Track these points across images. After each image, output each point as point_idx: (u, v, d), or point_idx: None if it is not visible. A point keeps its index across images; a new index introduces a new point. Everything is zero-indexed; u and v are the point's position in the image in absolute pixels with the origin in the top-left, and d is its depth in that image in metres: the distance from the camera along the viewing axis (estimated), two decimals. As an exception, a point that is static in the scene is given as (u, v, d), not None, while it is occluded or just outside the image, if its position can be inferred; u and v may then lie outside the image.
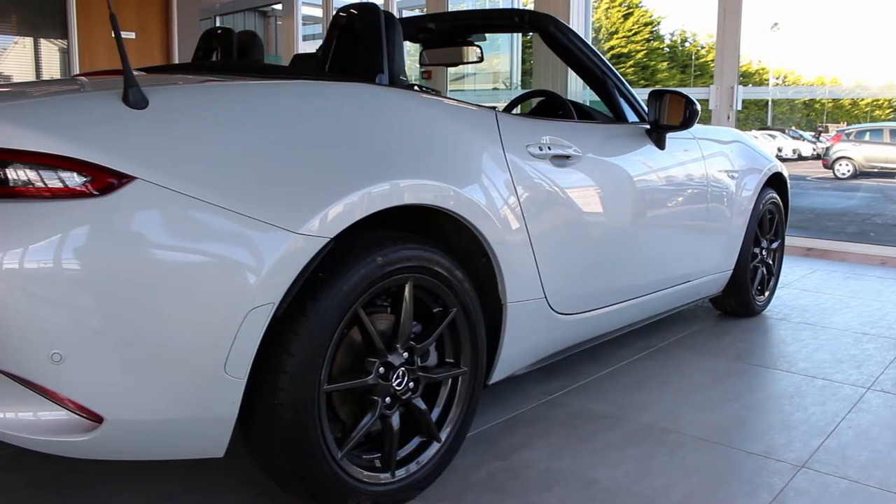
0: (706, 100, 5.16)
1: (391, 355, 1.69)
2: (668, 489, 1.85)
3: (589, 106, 3.02)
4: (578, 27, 5.83)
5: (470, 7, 9.67)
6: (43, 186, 1.28)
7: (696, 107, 2.56)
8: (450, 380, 1.87)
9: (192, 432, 1.43)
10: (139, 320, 1.32)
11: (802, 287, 4.13)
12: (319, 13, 8.19)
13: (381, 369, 1.67)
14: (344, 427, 1.68)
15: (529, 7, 6.98)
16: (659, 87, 2.77)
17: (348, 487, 1.61)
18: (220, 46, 2.58)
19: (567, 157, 2.20)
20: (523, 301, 2.02)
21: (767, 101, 19.85)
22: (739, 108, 5.13)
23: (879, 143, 13.37)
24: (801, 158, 16.56)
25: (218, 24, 9.30)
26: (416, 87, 2.14)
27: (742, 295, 3.34)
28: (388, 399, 1.70)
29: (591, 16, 6.13)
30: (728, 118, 5.14)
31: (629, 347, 2.98)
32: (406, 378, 1.73)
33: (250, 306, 1.39)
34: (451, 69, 7.00)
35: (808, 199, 10.45)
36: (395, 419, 1.71)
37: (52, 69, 8.07)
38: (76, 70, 7.81)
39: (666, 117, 2.58)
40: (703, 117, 2.64)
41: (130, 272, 1.30)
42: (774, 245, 3.58)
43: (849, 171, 13.00)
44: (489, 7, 10.31)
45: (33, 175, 1.28)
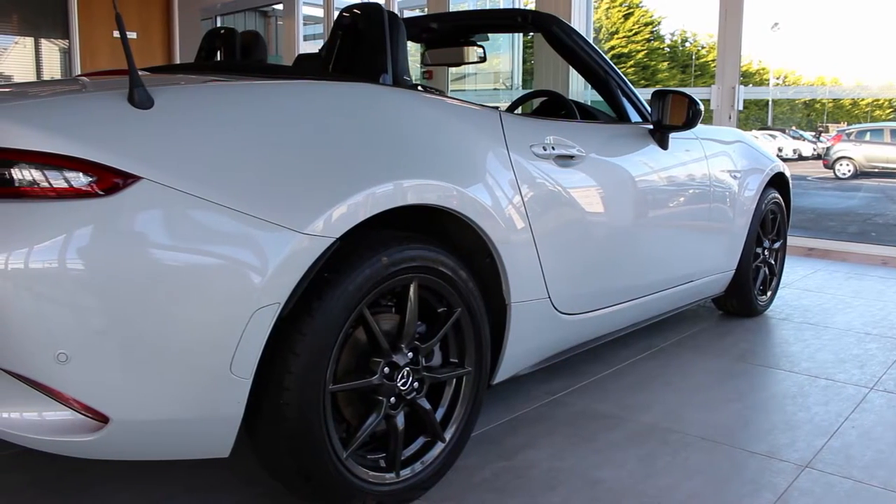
0: (707, 100, 5.16)
1: (396, 355, 1.69)
2: (672, 489, 1.85)
3: (591, 106, 3.02)
4: (580, 27, 5.83)
5: (471, 7, 9.67)
6: (48, 186, 1.28)
7: (700, 107, 2.55)
8: (454, 380, 1.87)
9: (198, 432, 1.43)
10: (145, 320, 1.32)
11: (804, 287, 4.13)
12: (320, 13, 8.19)
13: (386, 369, 1.67)
14: (348, 427, 1.68)
15: (530, 7, 6.98)
16: (662, 87, 2.77)
17: (353, 487, 1.61)
18: (224, 46, 2.58)
19: (571, 157, 2.20)
20: (527, 301, 2.02)
21: (768, 101, 19.85)
22: (741, 108, 5.14)
23: (880, 143, 13.37)
24: (802, 158, 16.56)
25: (219, 25, 9.29)
26: (420, 88, 2.14)
27: (744, 295, 3.34)
28: (393, 399, 1.70)
29: (593, 16, 6.13)
30: (729, 118, 5.14)
31: (632, 347, 2.98)
32: (411, 378, 1.73)
33: (256, 306, 1.39)
34: (452, 69, 7.00)
35: (809, 199, 10.45)
36: (400, 419, 1.71)
37: (53, 69, 8.07)
38: (78, 70, 7.81)
39: (669, 117, 2.58)
40: (705, 117, 2.63)
41: (136, 272, 1.30)
42: (777, 245, 3.57)
43: (849, 171, 13.01)
44: (491, 7, 10.30)
45: (39, 175, 1.27)
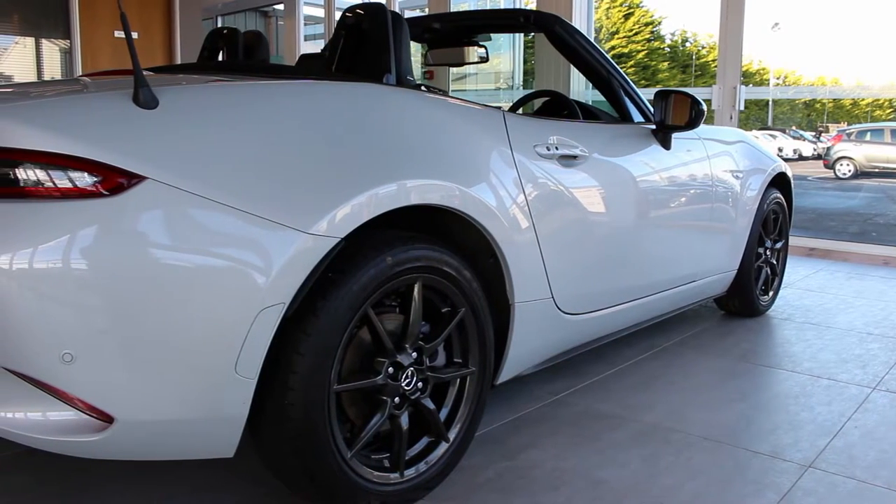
0: (709, 100, 5.16)
1: (400, 355, 1.69)
2: (676, 489, 1.85)
3: (594, 106, 3.02)
4: (580, 27, 5.83)
5: (472, 7, 9.67)
6: (53, 187, 1.27)
7: (702, 107, 2.56)
8: (458, 380, 1.87)
9: (203, 432, 1.43)
10: (150, 321, 1.32)
11: (806, 287, 4.14)
12: (321, 13, 8.19)
13: (391, 369, 1.67)
14: (353, 427, 1.68)
15: (532, 7, 6.98)
16: (665, 87, 2.77)
17: (358, 487, 1.61)
18: (227, 46, 2.58)
19: (574, 158, 2.20)
20: (531, 301, 2.02)
21: (768, 101, 19.85)
22: (742, 108, 5.14)
23: (880, 143, 13.36)
24: (802, 158, 16.55)
25: (220, 25, 9.30)
26: (423, 88, 2.14)
27: (746, 295, 3.35)
28: (397, 399, 1.70)
29: (594, 16, 6.13)
30: (731, 118, 5.14)
31: (634, 347, 2.98)
32: (415, 378, 1.73)
33: (261, 306, 1.39)
34: (453, 69, 7.00)
35: (810, 199, 10.45)
36: (404, 419, 1.71)
37: (54, 70, 8.07)
38: (79, 71, 7.81)
39: (672, 117, 2.58)
40: (706, 117, 2.64)
41: (141, 272, 1.30)
42: (778, 245, 3.57)
43: (850, 171, 13.00)
44: (492, 7, 10.30)
45: (43, 175, 1.27)
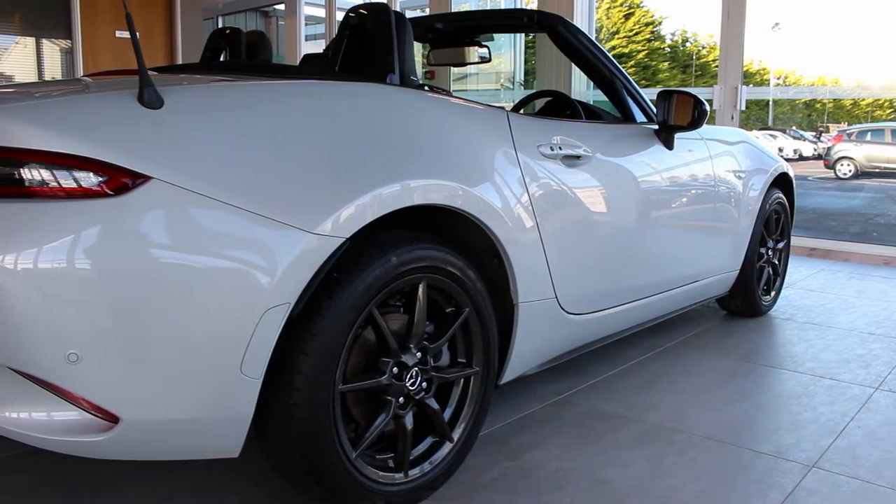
0: (710, 100, 5.16)
1: (405, 355, 1.69)
2: (680, 489, 1.85)
3: (596, 106, 3.02)
4: (581, 27, 5.81)
5: (473, 7, 9.67)
6: (58, 186, 1.27)
7: (705, 107, 2.56)
8: (462, 380, 1.87)
9: (208, 432, 1.43)
10: (155, 321, 1.32)
11: (807, 287, 4.14)
12: (321, 13, 8.19)
13: (395, 369, 1.67)
14: (357, 427, 1.68)
15: (532, 7, 6.98)
16: (668, 88, 2.77)
17: (363, 487, 1.61)
18: (229, 46, 2.58)
19: (577, 158, 2.20)
20: (534, 301, 2.02)
21: (768, 102, 19.85)
22: (743, 109, 5.14)
23: (881, 144, 13.37)
24: (802, 158, 16.55)
25: (221, 25, 9.29)
26: (427, 88, 2.14)
27: (748, 295, 3.35)
28: (402, 399, 1.70)
29: (595, 16, 6.13)
30: (732, 118, 5.14)
31: (637, 347, 2.98)
32: (419, 378, 1.73)
33: (267, 306, 1.39)
34: (454, 69, 7.00)
35: (811, 199, 10.45)
36: (409, 419, 1.71)
37: (54, 70, 8.07)
38: (80, 71, 7.81)
39: (674, 117, 2.58)
40: (708, 118, 2.64)
41: (146, 272, 1.30)
42: (780, 245, 3.57)
43: (850, 172, 13.00)
44: (492, 7, 10.30)
45: (49, 175, 1.27)
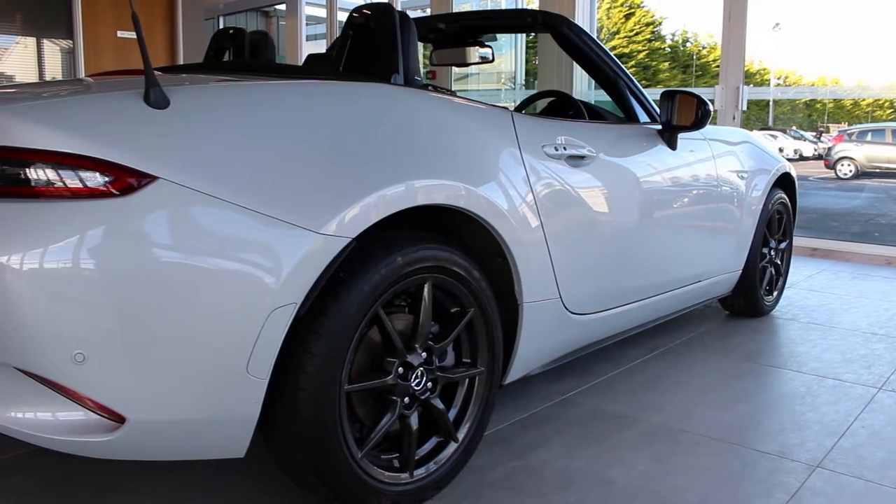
0: (711, 100, 5.16)
1: (410, 355, 1.69)
2: (685, 489, 1.85)
3: (599, 106, 3.02)
4: (583, 27, 5.82)
5: (474, 7, 9.67)
6: (64, 187, 1.27)
7: (709, 107, 2.56)
8: (467, 380, 1.87)
9: (214, 432, 1.43)
10: (162, 321, 1.32)
11: (809, 287, 4.14)
12: (322, 13, 8.18)
13: (401, 369, 1.67)
14: (362, 427, 1.68)
15: (533, 7, 6.98)
16: (671, 88, 2.77)
17: (368, 487, 1.61)
18: (233, 46, 2.57)
19: (582, 158, 2.20)
20: (539, 301, 2.02)
21: (769, 102, 19.85)
22: (745, 109, 5.14)
23: (881, 144, 13.37)
24: (803, 158, 16.56)
25: (222, 25, 9.29)
26: (431, 88, 2.14)
27: (751, 295, 3.35)
28: (407, 399, 1.70)
29: (596, 16, 6.13)
30: (733, 118, 5.14)
31: (640, 347, 2.98)
32: (424, 378, 1.73)
33: (273, 306, 1.39)
34: (455, 69, 7.00)
35: (812, 200, 10.45)
36: (414, 419, 1.71)
37: (55, 70, 8.06)
38: (81, 71, 7.80)
39: (678, 118, 2.58)
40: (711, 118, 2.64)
41: (153, 272, 1.30)
42: (783, 245, 3.57)
43: (850, 172, 13.01)
44: (493, 7, 10.30)
45: (55, 175, 1.27)
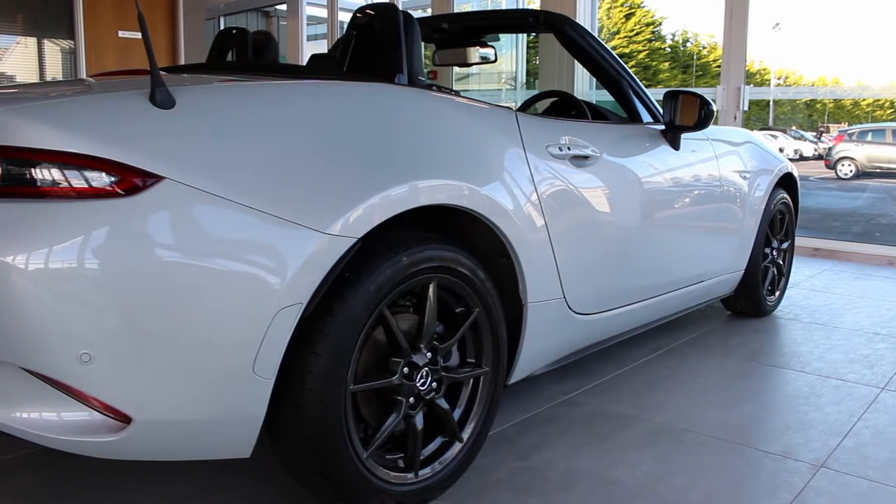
0: (713, 100, 5.16)
1: (415, 355, 1.69)
2: (689, 489, 1.85)
3: (601, 106, 3.02)
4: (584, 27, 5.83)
5: (475, 8, 9.67)
6: (70, 187, 1.27)
7: (712, 107, 2.56)
8: (471, 380, 1.87)
9: (220, 432, 1.43)
10: (168, 321, 1.32)
11: (811, 287, 4.14)
12: (323, 13, 8.18)
13: (406, 369, 1.67)
14: (367, 427, 1.68)
15: (535, 7, 6.98)
16: (674, 88, 2.77)
17: (373, 487, 1.61)
18: (236, 46, 2.57)
19: (585, 158, 2.20)
20: (543, 301, 2.03)
21: (769, 102, 19.85)
22: (746, 109, 5.14)
23: (881, 144, 13.38)
24: (803, 159, 16.57)
25: (223, 25, 9.29)
26: (435, 88, 2.14)
27: (753, 295, 3.35)
28: (412, 399, 1.70)
29: (597, 16, 6.13)
30: (735, 118, 5.14)
31: (643, 347, 2.98)
32: (429, 378, 1.73)
33: (279, 306, 1.39)
34: (456, 69, 7.00)
35: (812, 200, 10.45)
36: (419, 419, 1.71)
37: (56, 70, 8.06)
38: (83, 71, 7.80)
39: (681, 118, 2.58)
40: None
41: (159, 272, 1.30)
42: (785, 245, 3.58)
43: (851, 172, 13.01)
44: (493, 8, 10.30)
45: (60, 175, 1.27)
